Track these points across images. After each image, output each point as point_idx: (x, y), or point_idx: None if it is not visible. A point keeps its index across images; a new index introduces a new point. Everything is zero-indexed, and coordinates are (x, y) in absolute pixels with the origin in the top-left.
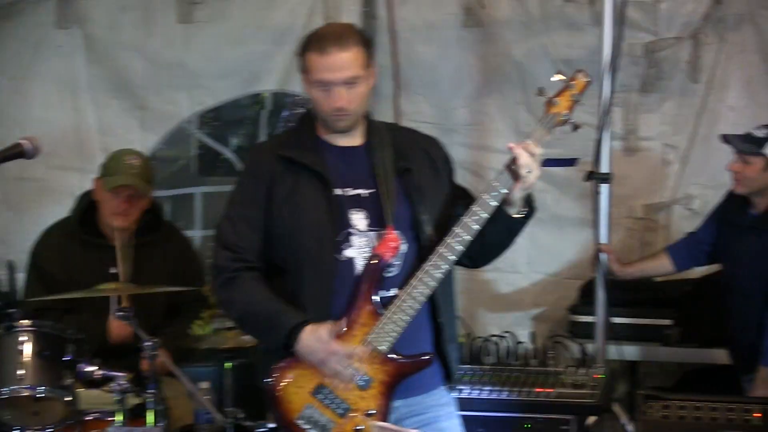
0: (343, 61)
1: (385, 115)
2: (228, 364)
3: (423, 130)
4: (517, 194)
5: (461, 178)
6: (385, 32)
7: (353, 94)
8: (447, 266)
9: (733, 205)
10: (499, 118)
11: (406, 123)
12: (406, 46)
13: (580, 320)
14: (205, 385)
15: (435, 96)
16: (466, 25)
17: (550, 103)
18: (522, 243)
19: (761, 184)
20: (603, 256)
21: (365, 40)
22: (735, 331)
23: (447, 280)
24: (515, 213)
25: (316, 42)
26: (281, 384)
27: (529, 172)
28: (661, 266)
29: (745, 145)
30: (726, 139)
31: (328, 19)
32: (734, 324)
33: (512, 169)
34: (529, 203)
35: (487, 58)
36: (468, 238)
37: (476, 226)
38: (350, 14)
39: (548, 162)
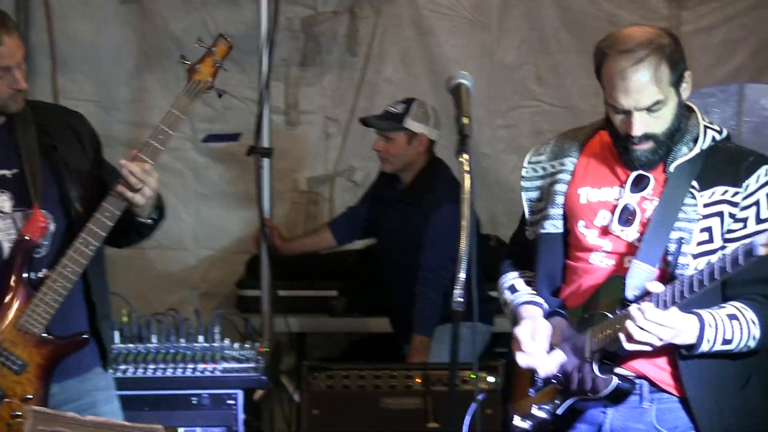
0: (13, 44)
1: (42, 93)
2: None
3: (82, 108)
4: (141, 202)
5: (122, 154)
6: (39, 8)
7: (24, 74)
8: (97, 243)
9: (384, 181)
10: (160, 94)
11: (65, 101)
12: (62, 22)
13: (247, 294)
14: None
15: (95, 73)
16: (123, 1)
17: (192, 71)
18: (188, 220)
19: (407, 159)
20: (267, 231)
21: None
22: (393, 301)
23: (98, 258)
24: (143, 218)
25: None
26: None
27: (142, 186)
28: (323, 241)
29: (384, 122)
30: (364, 122)
31: None
32: (392, 294)
33: (124, 187)
34: (158, 207)
35: (147, 34)
36: (117, 213)
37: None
38: None
39: (210, 138)
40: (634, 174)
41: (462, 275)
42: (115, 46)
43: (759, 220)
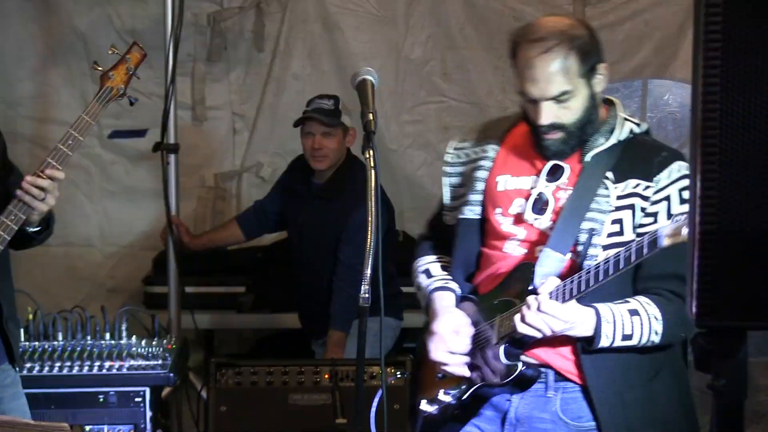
0: None
1: None
2: None
3: None
4: (34, 216)
5: (26, 150)
6: None
7: None
8: (1, 246)
9: (295, 175)
10: (65, 90)
11: None
12: None
13: (155, 291)
14: None
15: None
16: None
17: (105, 77)
18: (94, 217)
19: (341, 155)
20: (174, 228)
21: None
22: (303, 297)
23: (3, 257)
24: (31, 229)
25: None
26: None
27: (41, 200)
28: (231, 236)
29: (329, 118)
30: (309, 117)
31: None
32: (303, 290)
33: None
34: (47, 220)
35: (51, 29)
36: (22, 217)
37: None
38: None
39: (117, 134)
40: (549, 163)
41: (368, 271)
42: (18, 40)
43: (670, 216)
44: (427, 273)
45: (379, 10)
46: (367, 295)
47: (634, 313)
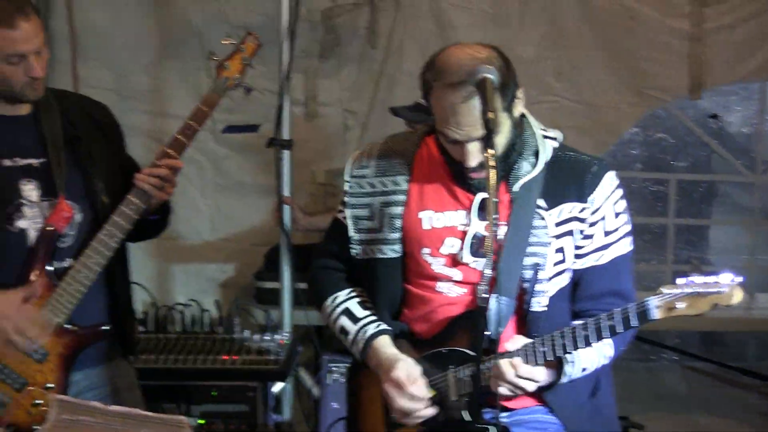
0: (30, 30)
1: (62, 82)
2: None
3: (101, 96)
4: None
5: (141, 144)
6: None
7: (42, 62)
8: (122, 235)
9: None
10: (179, 84)
11: (84, 90)
12: (82, 11)
13: (266, 286)
14: None
15: (113, 62)
16: None
17: (221, 67)
18: (206, 211)
19: None
20: (287, 221)
21: (35, 7)
22: None
23: (121, 249)
24: (151, 217)
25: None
26: None
27: (160, 189)
28: None
29: (415, 114)
30: (395, 111)
31: None
32: None
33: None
34: (165, 210)
35: (166, 24)
36: (142, 206)
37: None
38: None
39: (230, 128)
40: (478, 198)
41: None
42: (133, 35)
43: (606, 233)
44: (349, 314)
45: (492, 8)
46: (486, 295)
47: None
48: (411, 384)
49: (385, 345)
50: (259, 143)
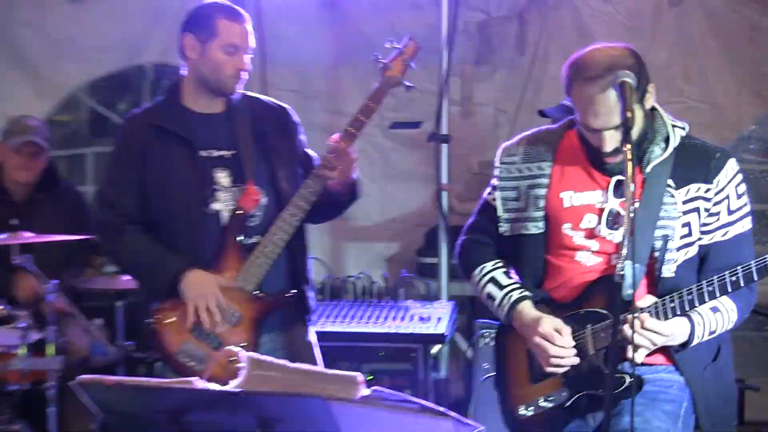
0: (249, 30)
1: (253, 84)
2: (118, 303)
3: (286, 97)
4: (336, 178)
5: (319, 138)
6: (251, 10)
7: (248, 62)
8: (302, 215)
9: None
10: (353, 85)
11: (271, 91)
12: (270, 23)
13: (426, 261)
14: (99, 322)
15: (297, 67)
16: (322, 5)
17: (385, 68)
18: (375, 195)
19: None
20: (444, 205)
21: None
22: None
23: (301, 228)
24: (341, 198)
25: (225, 10)
26: (163, 323)
27: (334, 168)
28: None
29: (561, 114)
30: (542, 113)
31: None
32: None
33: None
34: (353, 189)
35: (342, 34)
36: (319, 189)
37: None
38: None
39: (396, 125)
40: (614, 180)
41: (620, 265)
42: (315, 43)
43: (729, 212)
44: (495, 282)
45: (628, 20)
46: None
47: (715, 310)
48: (558, 335)
49: (529, 307)
50: (420, 138)
